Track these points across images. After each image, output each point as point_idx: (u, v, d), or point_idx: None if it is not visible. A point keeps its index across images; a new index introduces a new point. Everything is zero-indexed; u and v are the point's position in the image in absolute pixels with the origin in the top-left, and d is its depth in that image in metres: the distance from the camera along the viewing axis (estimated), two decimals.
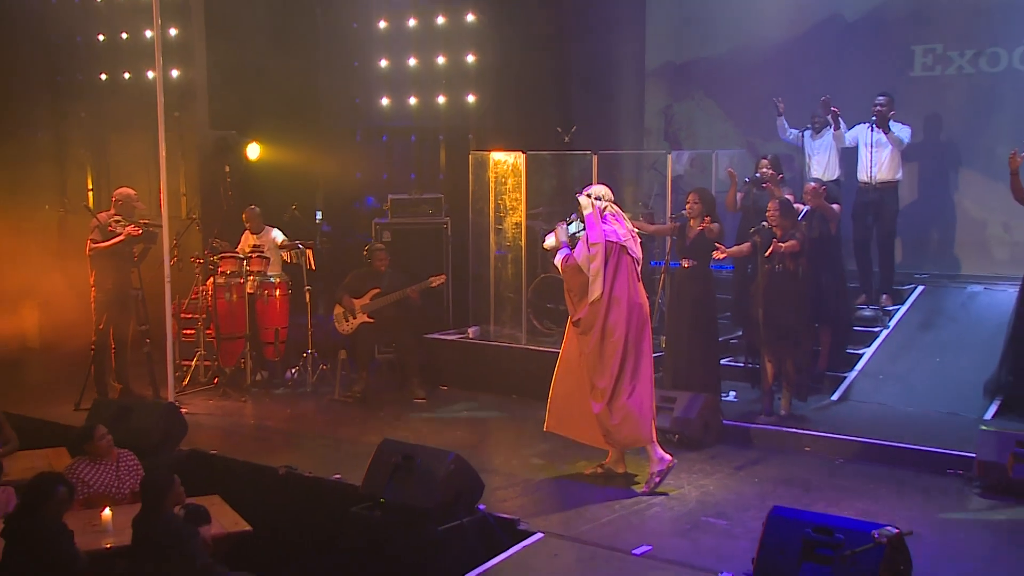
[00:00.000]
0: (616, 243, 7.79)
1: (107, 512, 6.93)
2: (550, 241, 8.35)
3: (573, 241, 8.12)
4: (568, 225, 8.16)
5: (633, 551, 6.61)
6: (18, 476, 7.58)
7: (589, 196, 7.97)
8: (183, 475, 6.56)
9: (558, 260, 7.98)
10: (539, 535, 6.86)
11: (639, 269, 7.97)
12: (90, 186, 14.03)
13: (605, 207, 7.95)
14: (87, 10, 13.78)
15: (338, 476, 8.03)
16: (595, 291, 7.72)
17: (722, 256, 9.10)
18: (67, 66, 14.12)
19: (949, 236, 11.76)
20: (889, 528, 5.36)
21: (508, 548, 6.73)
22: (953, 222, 11.75)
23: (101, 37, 13.65)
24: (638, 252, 7.93)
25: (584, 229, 7.99)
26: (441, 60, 13.12)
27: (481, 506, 7.14)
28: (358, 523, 7.09)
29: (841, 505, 7.18)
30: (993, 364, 9.10)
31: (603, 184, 8.32)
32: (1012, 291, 9.43)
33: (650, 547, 6.65)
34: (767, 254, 8.85)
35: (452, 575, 6.40)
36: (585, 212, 7.92)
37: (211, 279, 11.03)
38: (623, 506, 7.50)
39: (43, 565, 5.77)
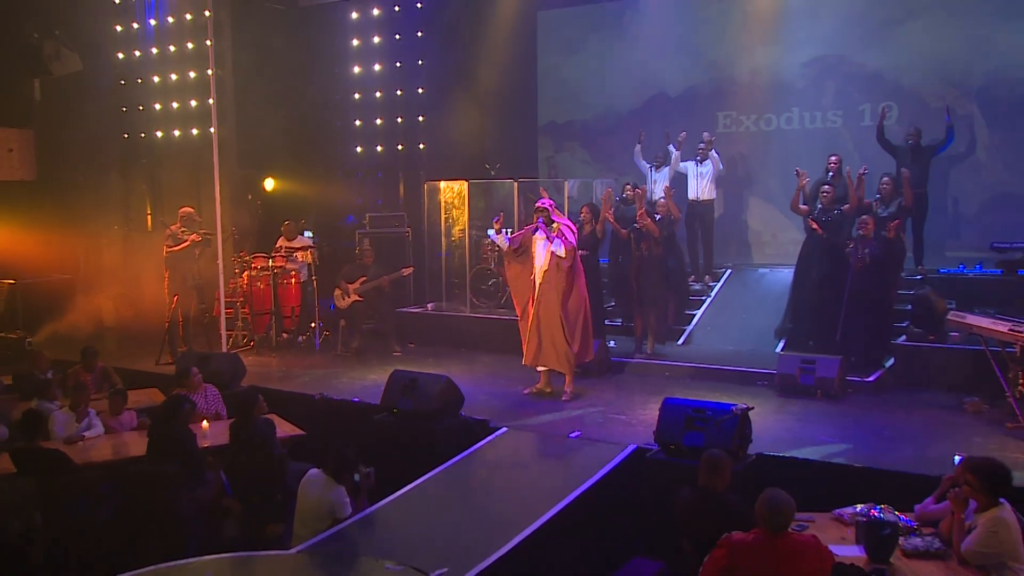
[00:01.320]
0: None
1: (205, 424, 7.06)
2: (500, 241, 8.49)
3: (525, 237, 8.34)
4: (500, 234, 8.44)
5: (569, 435, 6.98)
6: (129, 407, 7.63)
7: (551, 205, 8.25)
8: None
9: (561, 251, 8.00)
10: (504, 429, 7.15)
11: None
12: (148, 211, 13.75)
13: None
14: (147, 87, 13.59)
15: (357, 399, 8.21)
16: (569, 259, 8.02)
17: (610, 220, 9.38)
18: (133, 126, 13.83)
19: (744, 238, 12.09)
20: (741, 406, 5.94)
21: (483, 438, 7.01)
22: (745, 229, 12.07)
23: (158, 106, 13.43)
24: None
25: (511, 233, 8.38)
26: (399, 120, 13.29)
27: (462, 412, 7.39)
28: (380, 426, 7.30)
29: None
30: (779, 317, 9.64)
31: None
32: (786, 272, 9.92)
33: (580, 432, 7.01)
34: (636, 223, 9.16)
35: (447, 458, 6.62)
36: (553, 214, 8.17)
37: (246, 272, 11.04)
38: (556, 410, 7.82)
39: (177, 456, 5.90)
